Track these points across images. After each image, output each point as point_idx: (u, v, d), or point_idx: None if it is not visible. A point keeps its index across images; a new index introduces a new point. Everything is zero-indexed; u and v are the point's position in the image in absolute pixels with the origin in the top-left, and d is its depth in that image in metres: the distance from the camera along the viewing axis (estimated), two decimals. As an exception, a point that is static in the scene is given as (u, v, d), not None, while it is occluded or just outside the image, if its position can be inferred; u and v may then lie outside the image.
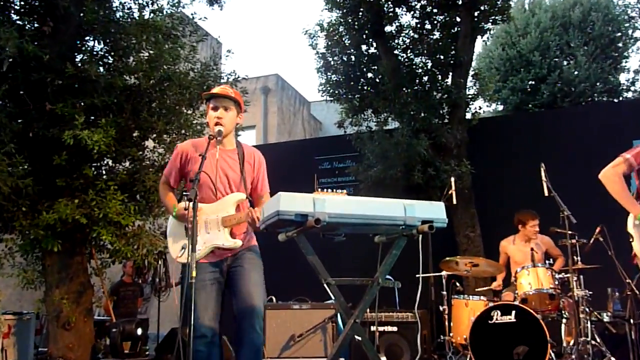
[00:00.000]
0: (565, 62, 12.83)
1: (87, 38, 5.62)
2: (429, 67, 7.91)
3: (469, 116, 7.80)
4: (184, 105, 5.69)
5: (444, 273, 5.37)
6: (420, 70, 7.94)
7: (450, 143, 7.17)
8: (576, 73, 12.50)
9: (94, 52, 5.57)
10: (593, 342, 4.55)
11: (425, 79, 7.86)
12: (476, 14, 7.70)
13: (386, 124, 7.94)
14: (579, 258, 4.82)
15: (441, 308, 5.26)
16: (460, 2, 7.63)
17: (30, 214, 5.10)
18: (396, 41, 8.16)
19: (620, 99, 12.96)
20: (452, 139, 7.18)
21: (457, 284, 5.45)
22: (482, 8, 7.70)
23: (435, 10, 8.01)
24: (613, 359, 4.46)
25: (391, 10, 8.08)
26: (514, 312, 4.58)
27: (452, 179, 5.85)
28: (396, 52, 8.07)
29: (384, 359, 5.09)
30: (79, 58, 5.48)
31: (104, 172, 5.66)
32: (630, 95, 13.32)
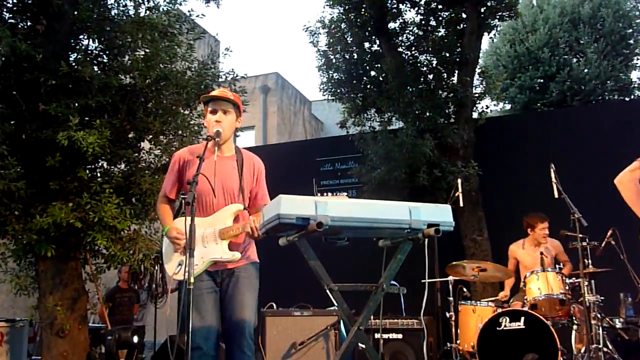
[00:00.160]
0: (575, 60, 12.82)
1: (82, 36, 5.63)
2: (434, 65, 7.91)
3: (475, 115, 7.80)
4: (181, 106, 5.69)
5: (450, 278, 5.36)
6: (425, 68, 7.94)
7: (456, 143, 7.17)
8: (586, 71, 12.50)
9: (89, 51, 5.57)
10: (605, 349, 4.54)
11: (431, 77, 7.87)
12: (482, 10, 7.71)
13: (390, 124, 7.94)
14: (590, 262, 4.81)
15: (448, 314, 5.25)
16: (466, -3, 7.65)
17: (23, 218, 5.10)
18: (400, 38, 8.16)
19: (632, 97, 12.95)
20: (458, 139, 7.18)
21: (464, 289, 5.44)
22: (488, 4, 7.71)
23: (440, 7, 8.02)
24: (626, 366, 4.46)
25: (395, 6, 8.09)
26: (523, 319, 4.58)
27: (459, 181, 5.85)
28: (400, 49, 8.07)
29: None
30: (73, 57, 5.48)
31: (99, 174, 5.66)
32: (642, 93, 13.33)
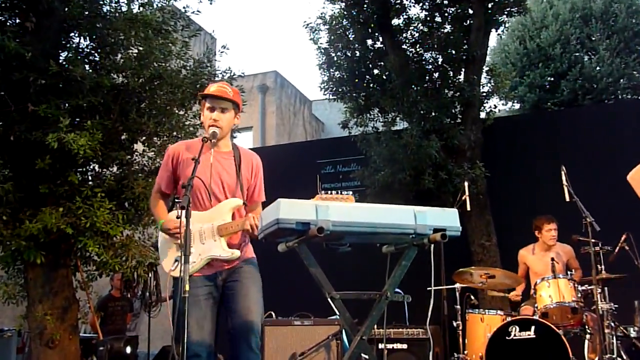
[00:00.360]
0: (587, 57, 12.82)
1: (72, 34, 5.63)
2: (439, 62, 7.92)
3: (483, 115, 7.80)
4: (175, 106, 5.70)
5: (457, 285, 5.36)
6: (430, 66, 7.95)
7: (463, 144, 7.18)
8: (598, 68, 12.50)
9: (80, 49, 5.58)
10: (619, 359, 4.53)
11: (436, 75, 7.87)
12: (490, 5, 7.71)
13: (394, 124, 7.94)
14: (603, 268, 4.81)
15: (455, 323, 5.24)
16: (472, -8, 7.66)
17: (12, 223, 5.10)
18: (404, 35, 8.18)
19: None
20: (465, 140, 7.19)
21: (472, 297, 5.43)
22: (496, -1, 7.72)
23: (446, 2, 8.03)
24: (641, 377, 4.46)
25: (398, 2, 8.11)
26: (533, 328, 4.57)
27: (466, 184, 5.85)
28: (404, 46, 8.08)
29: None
30: (63, 56, 5.49)
31: (90, 178, 5.66)
32: (656, 92, 13.32)
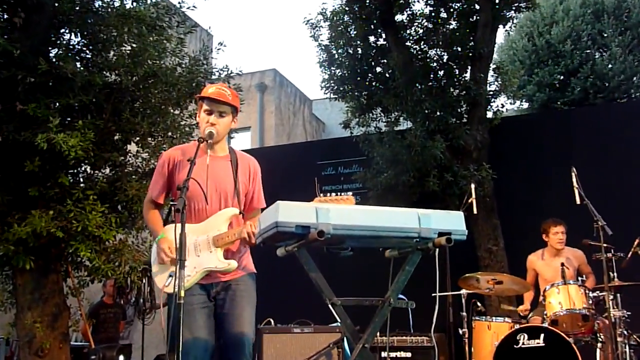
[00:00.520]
0: (598, 54, 12.82)
1: (63, 30, 5.65)
2: (444, 60, 7.93)
3: (490, 115, 7.81)
4: (170, 105, 5.71)
5: (463, 292, 5.35)
6: (435, 64, 7.95)
7: (469, 145, 7.18)
8: (610, 66, 12.50)
9: (70, 46, 5.59)
10: (632, 368, 4.53)
11: (441, 73, 7.87)
12: (497, 0, 7.72)
13: (397, 124, 7.95)
14: (615, 274, 4.80)
15: (460, 331, 5.24)
16: (479, -13, 7.66)
17: (0, 227, 5.11)
18: (408, 31, 8.18)
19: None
20: (471, 140, 7.19)
21: (479, 303, 5.42)
22: (504, -6, 7.73)
23: (451, -3, 8.05)
24: (655, 387, 4.45)
25: (402, -4, 8.11)
26: (542, 336, 4.56)
27: (472, 186, 5.85)
28: (408, 43, 8.09)
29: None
30: (53, 53, 5.50)
31: (82, 180, 5.67)
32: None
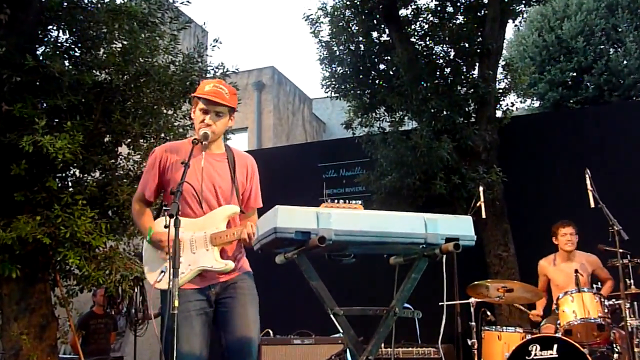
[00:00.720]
0: (612, 50, 12.84)
1: (50, 27, 5.65)
2: (451, 56, 7.94)
3: (499, 114, 7.81)
4: (163, 105, 5.71)
5: (472, 300, 5.35)
6: (441, 61, 7.97)
7: (477, 146, 7.18)
8: (625, 62, 12.51)
9: (58, 44, 5.59)
10: (650, 380, 4.52)
11: (448, 70, 7.88)
12: (506, -6, 7.74)
13: (402, 124, 7.95)
14: (632, 281, 4.80)
15: (469, 342, 5.23)
16: (487, -20, 7.67)
17: (-17, 234, 5.11)
18: (413, 27, 8.20)
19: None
20: (480, 141, 7.19)
21: (488, 313, 5.42)
22: (513, -13, 7.74)
23: (458, -10, 8.06)
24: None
25: (406, -10, 8.12)
26: (555, 346, 4.56)
27: (481, 189, 5.84)
28: (413, 39, 8.10)
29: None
30: (40, 50, 5.51)
31: (70, 184, 5.67)
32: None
